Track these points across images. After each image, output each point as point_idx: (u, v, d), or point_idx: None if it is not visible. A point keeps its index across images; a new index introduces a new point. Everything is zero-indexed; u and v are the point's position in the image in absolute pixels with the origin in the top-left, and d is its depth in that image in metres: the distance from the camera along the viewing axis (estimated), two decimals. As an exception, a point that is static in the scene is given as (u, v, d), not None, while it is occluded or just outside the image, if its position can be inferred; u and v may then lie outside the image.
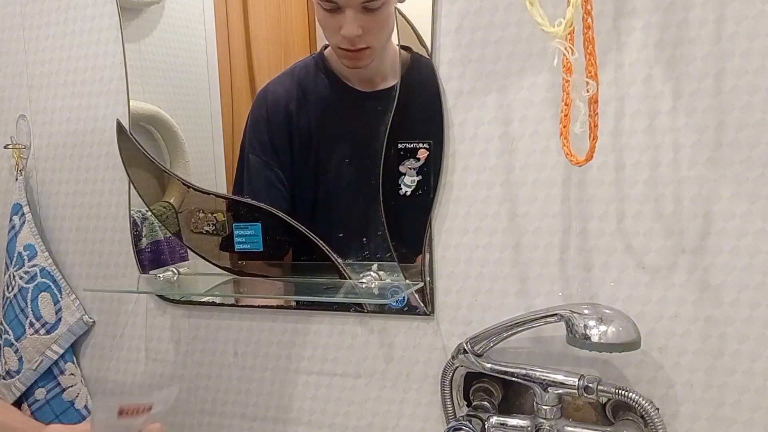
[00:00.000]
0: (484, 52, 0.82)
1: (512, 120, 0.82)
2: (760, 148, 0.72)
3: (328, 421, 0.98)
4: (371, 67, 0.88)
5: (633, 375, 0.80)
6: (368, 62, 0.87)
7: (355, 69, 0.89)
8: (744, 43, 0.72)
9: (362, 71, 0.89)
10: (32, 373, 1.08)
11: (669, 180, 0.76)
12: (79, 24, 1.07)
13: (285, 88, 0.93)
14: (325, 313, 0.96)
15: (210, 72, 0.97)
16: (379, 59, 0.87)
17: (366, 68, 0.88)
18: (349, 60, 0.88)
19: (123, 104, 1.04)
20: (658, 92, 0.75)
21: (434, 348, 0.90)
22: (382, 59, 0.87)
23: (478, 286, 0.86)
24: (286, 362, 0.99)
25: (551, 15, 0.65)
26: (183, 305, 1.05)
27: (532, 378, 0.78)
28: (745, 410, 0.76)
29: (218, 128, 0.98)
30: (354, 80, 0.90)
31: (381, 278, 0.87)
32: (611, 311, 0.73)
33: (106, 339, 1.12)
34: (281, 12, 0.92)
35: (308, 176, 0.93)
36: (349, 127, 0.91)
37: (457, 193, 0.86)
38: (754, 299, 0.74)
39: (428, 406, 0.91)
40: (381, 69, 0.88)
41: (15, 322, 1.09)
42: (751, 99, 0.72)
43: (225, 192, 0.98)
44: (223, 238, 0.97)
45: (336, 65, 0.90)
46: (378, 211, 0.87)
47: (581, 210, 0.80)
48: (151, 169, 1.02)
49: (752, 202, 0.73)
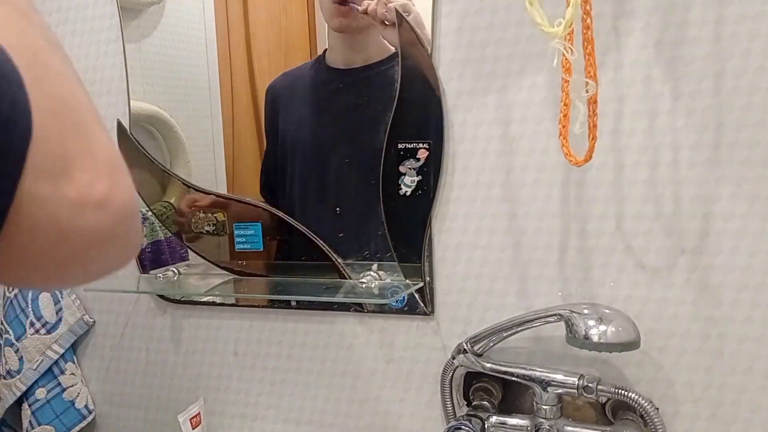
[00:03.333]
0: (484, 52, 0.82)
1: (512, 120, 0.82)
2: (760, 148, 0.72)
3: (328, 421, 0.98)
4: (359, 40, 0.88)
5: (633, 375, 0.80)
6: (358, 21, 0.86)
7: (344, 31, 0.88)
8: (744, 43, 0.72)
9: (349, 46, 0.89)
10: (33, 372, 1.08)
11: (668, 180, 0.76)
12: (79, 24, 1.07)
13: (282, 79, 0.94)
14: (325, 313, 0.96)
15: (210, 72, 0.97)
16: (366, 32, 0.87)
17: (354, 37, 0.88)
18: (339, 17, 0.87)
19: (123, 104, 1.04)
20: (658, 93, 0.75)
21: (434, 348, 0.90)
22: (368, 34, 0.87)
23: (478, 286, 0.86)
24: (286, 362, 0.99)
25: (551, 15, 0.66)
26: (183, 305, 1.05)
27: (532, 378, 0.78)
28: (745, 410, 0.76)
29: (218, 128, 0.98)
30: (340, 59, 0.90)
31: (381, 278, 0.87)
32: (611, 311, 0.74)
33: (106, 339, 1.12)
34: (281, 12, 0.93)
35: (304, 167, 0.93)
36: (340, 118, 0.91)
37: (457, 193, 0.86)
38: (754, 299, 0.74)
39: (428, 406, 0.91)
40: (365, 47, 0.88)
41: (15, 322, 1.09)
42: (751, 99, 0.72)
43: (225, 192, 0.98)
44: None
45: (330, 57, 0.90)
46: (378, 211, 0.87)
47: (581, 210, 0.80)
48: (152, 169, 1.02)
49: (752, 202, 0.73)
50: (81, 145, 0.33)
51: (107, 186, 0.34)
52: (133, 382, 1.11)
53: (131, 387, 1.11)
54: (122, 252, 0.38)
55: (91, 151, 0.33)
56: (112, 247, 0.36)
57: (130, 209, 0.36)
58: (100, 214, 0.34)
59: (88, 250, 0.35)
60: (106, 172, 0.34)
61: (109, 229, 0.35)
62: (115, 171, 0.35)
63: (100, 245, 0.35)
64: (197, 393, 1.06)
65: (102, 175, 0.34)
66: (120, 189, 0.35)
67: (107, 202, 0.34)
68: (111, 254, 0.37)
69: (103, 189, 0.33)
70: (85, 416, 1.10)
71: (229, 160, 0.98)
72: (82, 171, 0.32)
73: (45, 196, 0.30)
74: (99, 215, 0.34)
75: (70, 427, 1.08)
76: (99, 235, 0.34)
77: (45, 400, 1.08)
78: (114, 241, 0.36)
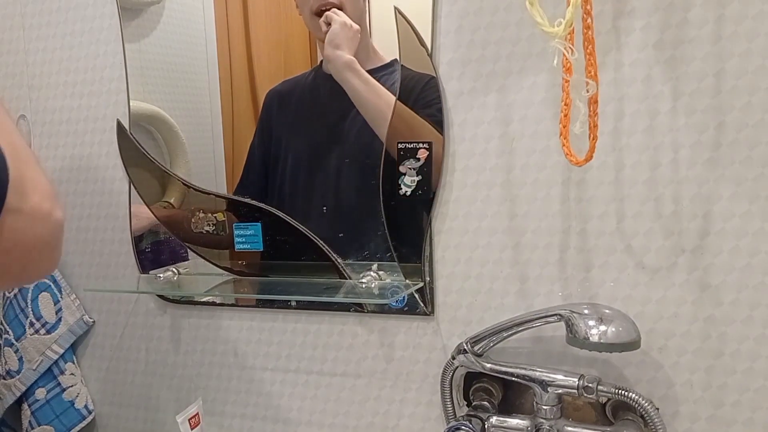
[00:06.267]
0: (484, 52, 0.82)
1: (512, 120, 0.82)
2: (760, 148, 0.72)
3: (328, 421, 0.98)
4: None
5: (633, 375, 0.80)
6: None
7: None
8: (744, 43, 0.72)
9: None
10: (32, 372, 1.08)
11: (668, 180, 0.76)
12: (79, 24, 1.07)
13: (282, 85, 0.94)
14: (325, 313, 0.96)
15: (210, 72, 0.97)
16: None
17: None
18: (322, 30, 0.87)
19: (123, 104, 1.04)
20: (658, 92, 0.75)
21: (434, 348, 0.90)
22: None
23: (478, 286, 0.86)
24: (286, 362, 0.99)
25: (551, 15, 0.66)
26: (183, 305, 1.05)
27: (532, 378, 0.78)
28: (745, 410, 0.76)
29: (218, 128, 0.98)
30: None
31: (381, 278, 0.87)
32: (611, 311, 0.73)
33: (106, 339, 1.12)
34: (281, 12, 0.92)
35: (307, 168, 0.93)
36: (337, 122, 0.91)
37: (457, 193, 0.86)
38: (754, 299, 0.74)
39: (428, 406, 0.91)
40: (356, 55, 0.87)
41: (15, 322, 1.09)
42: (751, 99, 0.72)
43: (225, 192, 0.98)
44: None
45: (325, 65, 0.90)
46: (378, 211, 0.87)
47: (581, 210, 0.80)
48: (151, 169, 1.02)
49: (752, 202, 0.73)
50: (29, 176, 0.46)
51: (50, 205, 0.48)
52: (133, 382, 1.11)
53: (131, 387, 1.11)
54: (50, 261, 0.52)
55: (35, 180, 0.47)
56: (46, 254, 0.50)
57: (62, 225, 0.51)
58: (45, 225, 0.48)
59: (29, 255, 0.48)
60: (47, 195, 0.49)
61: (49, 237, 0.49)
62: (53, 196, 0.49)
63: (40, 251, 0.49)
64: (197, 393, 1.06)
65: (45, 198, 0.48)
66: (58, 208, 0.50)
67: (51, 216, 0.49)
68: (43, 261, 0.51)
69: (48, 207, 0.48)
70: (84, 416, 1.10)
71: (229, 160, 0.98)
72: (33, 194, 0.47)
73: (15, 208, 0.44)
74: (45, 226, 0.48)
75: (69, 427, 1.08)
76: (41, 242, 0.49)
77: (45, 400, 1.08)
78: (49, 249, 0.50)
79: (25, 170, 0.46)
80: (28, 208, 0.46)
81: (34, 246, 0.48)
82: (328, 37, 0.86)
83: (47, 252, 0.50)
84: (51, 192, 0.49)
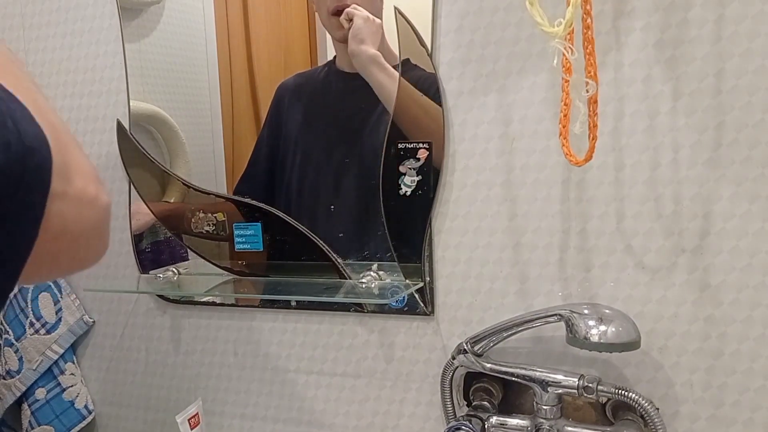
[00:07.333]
0: (484, 52, 0.82)
1: (512, 120, 0.82)
2: (760, 148, 0.72)
3: (328, 421, 0.98)
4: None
5: (633, 375, 0.80)
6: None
7: (345, 41, 0.87)
8: (744, 43, 0.72)
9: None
10: (32, 373, 1.08)
11: (669, 180, 0.76)
12: (79, 24, 1.07)
13: (294, 79, 0.94)
14: (325, 313, 0.96)
15: (210, 72, 0.97)
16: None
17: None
18: (338, 29, 0.87)
19: (123, 104, 1.04)
20: (658, 92, 0.75)
21: (434, 348, 0.90)
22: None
23: (478, 286, 0.86)
24: (286, 362, 0.99)
25: (551, 15, 0.66)
26: (183, 305, 1.05)
27: (532, 378, 0.78)
28: (745, 410, 0.76)
29: (218, 128, 0.98)
30: (346, 65, 0.89)
31: (381, 278, 0.87)
32: (611, 311, 0.73)
33: (106, 339, 1.12)
34: (281, 12, 0.93)
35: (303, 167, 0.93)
36: (346, 120, 0.91)
37: (457, 193, 0.86)
38: (754, 299, 0.74)
39: (428, 406, 0.91)
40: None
41: (15, 322, 1.09)
42: (751, 99, 0.72)
43: (225, 192, 0.98)
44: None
45: (338, 62, 0.90)
46: (378, 211, 0.87)
47: (581, 210, 0.80)
48: (151, 169, 1.02)
49: (752, 202, 0.73)
50: (72, 159, 0.44)
51: (95, 189, 0.46)
52: (133, 382, 1.11)
53: (131, 387, 1.11)
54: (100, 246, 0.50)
55: (78, 163, 0.45)
56: (94, 240, 0.48)
57: (109, 209, 0.49)
58: (92, 209, 0.46)
59: (78, 241, 0.45)
60: (92, 178, 0.46)
61: (97, 222, 0.47)
62: (97, 179, 0.47)
63: (88, 237, 0.46)
64: (197, 393, 1.06)
65: (90, 181, 0.46)
66: (103, 192, 0.47)
67: (97, 200, 0.46)
68: (92, 246, 0.48)
69: (93, 191, 0.46)
70: (84, 416, 1.10)
71: (229, 160, 0.98)
72: (77, 177, 0.44)
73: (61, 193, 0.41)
74: (92, 211, 0.46)
75: (69, 427, 1.08)
76: (89, 227, 0.46)
77: (45, 400, 1.08)
78: (98, 234, 0.48)
79: (67, 153, 0.43)
80: (73, 193, 0.43)
81: (82, 232, 0.45)
82: (351, 32, 0.85)
83: (96, 237, 0.48)
84: (95, 175, 0.47)
